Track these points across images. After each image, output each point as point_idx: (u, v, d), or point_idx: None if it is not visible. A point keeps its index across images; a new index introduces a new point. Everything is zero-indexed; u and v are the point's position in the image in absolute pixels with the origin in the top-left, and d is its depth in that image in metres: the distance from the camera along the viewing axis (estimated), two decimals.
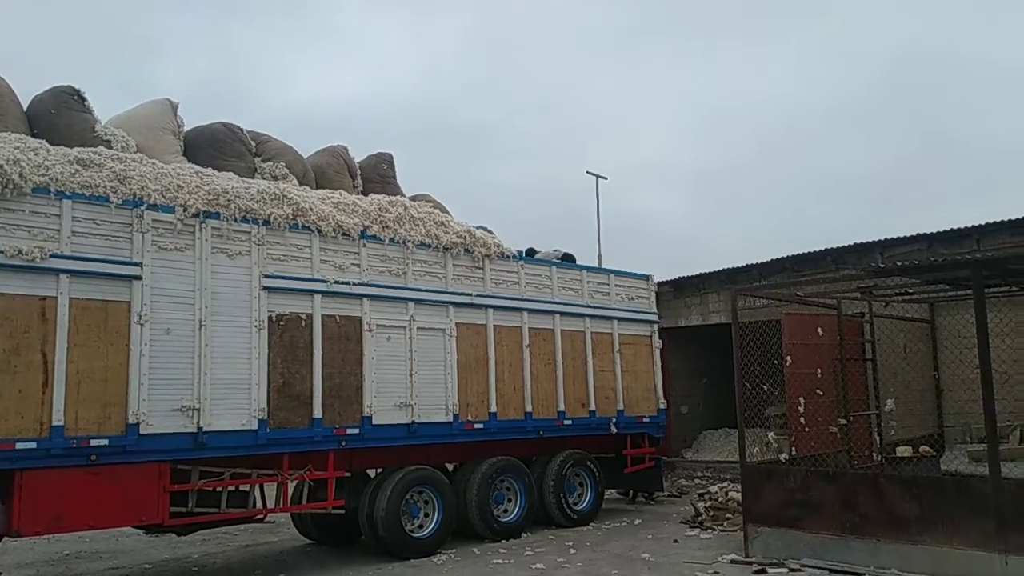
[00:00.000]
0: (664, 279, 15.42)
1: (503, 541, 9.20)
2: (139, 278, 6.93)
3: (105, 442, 6.58)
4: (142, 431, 6.75)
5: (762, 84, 56.09)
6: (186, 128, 8.57)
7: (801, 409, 8.56)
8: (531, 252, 12.09)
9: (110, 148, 7.41)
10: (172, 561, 8.99)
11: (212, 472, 7.41)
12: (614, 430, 11.08)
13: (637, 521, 10.74)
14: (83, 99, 7.81)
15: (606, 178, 22.31)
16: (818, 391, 8.85)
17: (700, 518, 10.07)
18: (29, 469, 6.29)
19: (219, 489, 7.55)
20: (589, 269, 11.62)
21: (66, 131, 7.47)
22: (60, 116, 7.57)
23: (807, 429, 8.59)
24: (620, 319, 11.53)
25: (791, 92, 55.58)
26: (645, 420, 11.61)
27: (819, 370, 8.95)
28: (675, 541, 9.03)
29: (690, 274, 16.40)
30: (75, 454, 6.46)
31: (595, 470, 10.77)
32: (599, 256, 22.30)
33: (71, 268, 6.57)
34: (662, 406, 11.95)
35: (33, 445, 6.25)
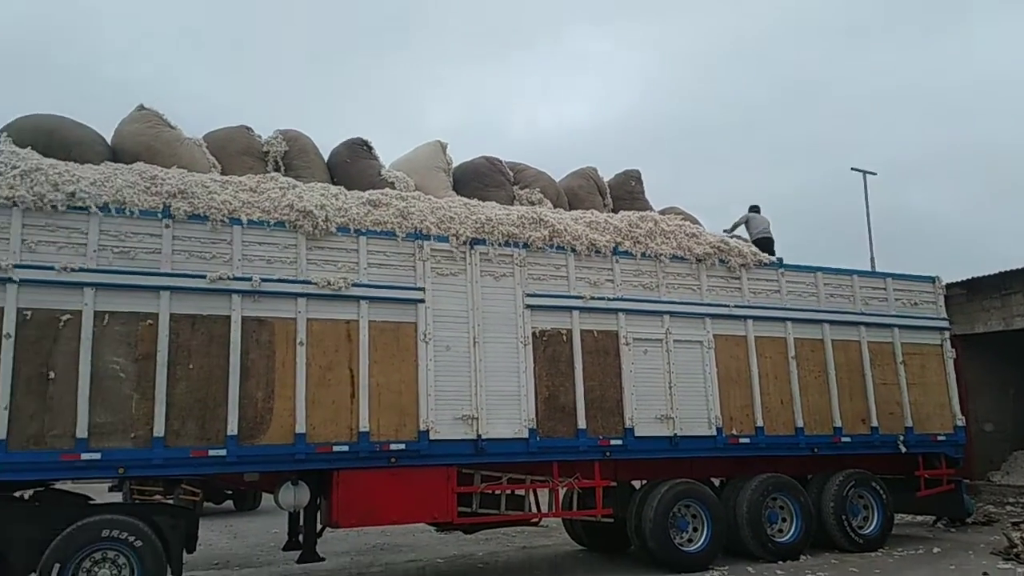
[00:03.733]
0: (952, 280, 13.69)
1: (779, 562, 8.74)
2: (422, 301, 7.80)
3: (402, 446, 7.45)
4: (431, 437, 7.54)
5: None
6: (454, 164, 9.47)
7: None
8: (755, 208, 11.41)
9: (394, 188, 8.45)
10: (460, 557, 9.85)
11: (491, 476, 8.03)
12: (903, 449, 10.04)
13: (936, 550, 9.58)
14: (370, 148, 8.99)
15: (875, 174, 20.60)
16: None
17: (1016, 550, 8.72)
18: (344, 469, 7.32)
19: (498, 492, 8.15)
20: (861, 273, 10.71)
21: (358, 177, 8.63)
22: (353, 164, 8.78)
23: None
24: (902, 327, 10.49)
25: None
26: (940, 438, 10.38)
27: None
28: (985, 574, 7.92)
29: (986, 273, 14.37)
30: (379, 457, 7.39)
31: (882, 492, 9.82)
32: (872, 259, 20.54)
33: (368, 295, 7.59)
34: (959, 423, 10.59)
35: (346, 448, 7.27)
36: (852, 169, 20.84)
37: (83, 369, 6.43)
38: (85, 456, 6.36)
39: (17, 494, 6.93)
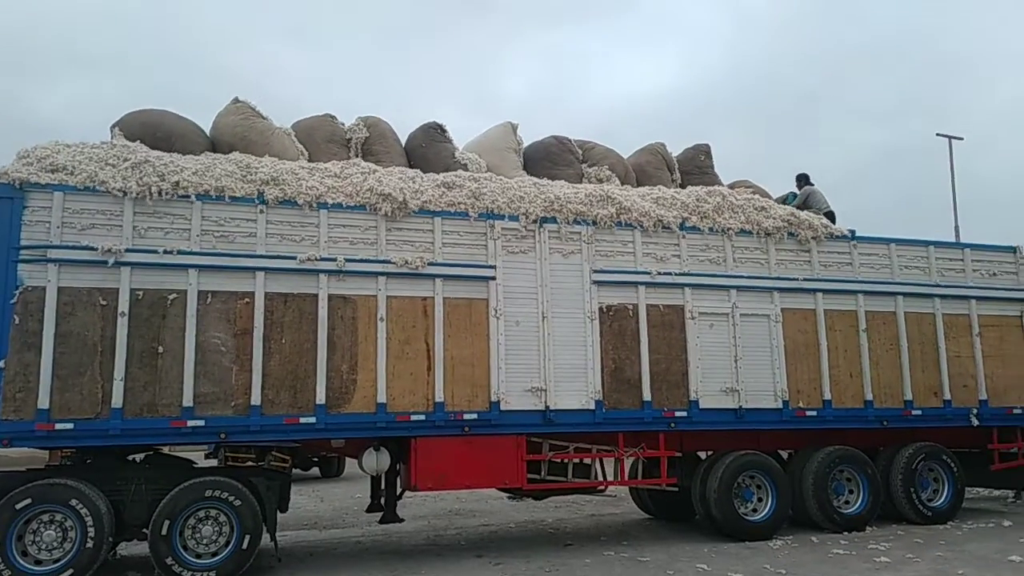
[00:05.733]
0: None
1: (844, 533, 8.87)
2: (493, 278, 8.17)
3: (475, 416, 7.90)
4: (502, 408, 7.96)
5: None
6: (524, 144, 9.74)
7: None
8: (805, 178, 11.11)
9: (467, 170, 8.80)
10: (530, 523, 10.34)
11: (559, 446, 8.41)
12: (975, 422, 9.93)
13: (1007, 523, 9.51)
14: (444, 131, 9.36)
15: (961, 139, 19.82)
16: None
17: None
18: (421, 437, 7.83)
19: (565, 461, 8.53)
20: (937, 244, 10.51)
21: (433, 160, 9.03)
22: (428, 148, 9.17)
23: None
24: (979, 298, 10.30)
25: None
26: (1016, 411, 10.20)
27: None
28: None
29: None
30: (453, 425, 7.85)
31: (952, 465, 9.77)
32: (956, 228, 19.86)
33: (443, 273, 8.01)
34: None
35: (423, 417, 7.75)
36: (937, 135, 20.03)
37: (188, 343, 7.08)
38: (191, 423, 7.03)
39: (130, 458, 7.70)
